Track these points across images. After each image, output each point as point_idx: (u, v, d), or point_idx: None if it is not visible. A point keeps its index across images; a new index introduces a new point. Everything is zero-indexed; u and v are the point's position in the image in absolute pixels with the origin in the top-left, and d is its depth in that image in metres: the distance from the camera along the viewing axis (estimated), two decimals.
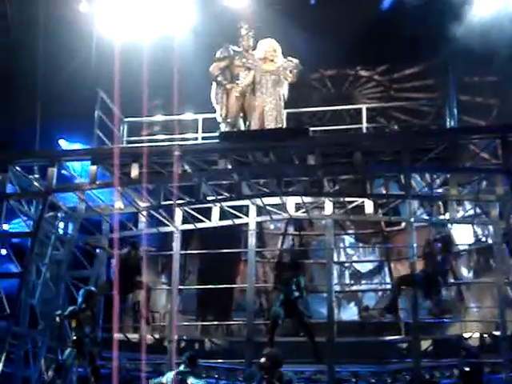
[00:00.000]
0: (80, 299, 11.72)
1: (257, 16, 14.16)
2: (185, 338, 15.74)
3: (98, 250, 13.79)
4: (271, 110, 12.24)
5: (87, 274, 13.68)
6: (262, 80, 12.37)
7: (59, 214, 13.45)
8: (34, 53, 15.56)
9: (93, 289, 12.16)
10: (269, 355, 9.01)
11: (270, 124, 12.20)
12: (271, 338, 11.92)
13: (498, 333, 12.97)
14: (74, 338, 11.53)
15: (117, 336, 12.40)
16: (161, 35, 15.26)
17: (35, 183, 12.76)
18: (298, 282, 12.10)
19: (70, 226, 13.65)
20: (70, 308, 11.78)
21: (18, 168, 12.58)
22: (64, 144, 15.48)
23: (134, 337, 15.50)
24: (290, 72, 12.42)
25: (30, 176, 12.76)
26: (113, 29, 15.33)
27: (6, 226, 13.31)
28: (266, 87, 12.33)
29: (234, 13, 14.79)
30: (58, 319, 11.86)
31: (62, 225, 13.61)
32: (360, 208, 13.51)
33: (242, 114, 12.63)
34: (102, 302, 13.18)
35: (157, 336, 15.55)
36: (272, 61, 12.42)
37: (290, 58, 12.49)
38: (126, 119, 14.04)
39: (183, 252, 14.86)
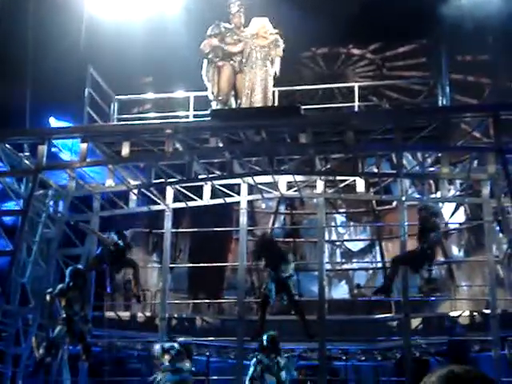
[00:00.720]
0: (67, 278, 11.70)
1: None
2: (176, 316, 15.79)
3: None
4: (259, 87, 12.14)
5: (78, 252, 13.65)
6: (251, 55, 12.27)
7: (50, 192, 13.37)
8: (24, 34, 15.41)
9: (80, 267, 12.13)
10: None
11: (257, 101, 12.10)
12: (262, 316, 11.95)
13: (487, 311, 13.03)
14: (64, 316, 11.53)
15: (108, 314, 12.41)
16: (152, 13, 15.12)
17: (25, 161, 12.68)
18: (286, 260, 12.06)
19: (61, 204, 13.59)
20: (59, 286, 11.76)
21: (8, 146, 12.50)
22: (54, 122, 15.36)
23: (124, 315, 15.53)
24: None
25: (20, 154, 12.68)
26: (103, 7, 15.19)
27: None
28: (255, 63, 12.22)
29: None
30: (48, 297, 11.83)
31: (52, 203, 13.54)
32: (351, 187, 13.49)
33: (233, 92, 12.56)
34: (92, 279, 13.16)
35: (148, 314, 15.59)
36: (263, 37, 12.32)
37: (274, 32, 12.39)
38: (116, 97, 13.94)
39: (174, 230, 14.83)
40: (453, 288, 16.14)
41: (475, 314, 14.40)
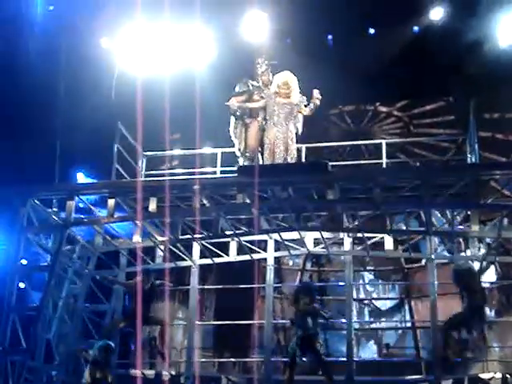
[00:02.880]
0: (97, 352, 11.50)
1: (275, 51, 14.19)
2: (201, 375, 15.53)
3: (115, 286, 13.70)
4: (280, 143, 12.15)
5: (104, 309, 13.60)
6: (274, 114, 12.33)
7: (77, 248, 13.41)
8: (55, 88, 15.72)
9: (111, 344, 11.86)
10: None
11: (279, 157, 12.10)
12: (290, 376, 11.69)
13: None
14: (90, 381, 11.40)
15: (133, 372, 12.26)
16: (180, 70, 15.36)
17: (53, 216, 12.75)
18: (314, 317, 11.79)
19: (87, 260, 13.60)
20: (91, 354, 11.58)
21: (36, 201, 12.59)
22: (82, 178, 15.51)
23: (149, 373, 15.31)
24: (306, 106, 12.38)
25: (49, 209, 12.76)
26: (133, 64, 15.48)
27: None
28: (277, 121, 12.27)
29: (253, 47, 14.85)
30: (84, 356, 11.71)
31: (78, 258, 13.56)
32: (379, 244, 13.36)
33: (260, 149, 12.60)
34: (117, 337, 13.05)
35: (173, 372, 15.36)
36: (285, 94, 12.38)
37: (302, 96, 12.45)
38: (144, 153, 14.07)
39: (200, 287, 14.73)
40: (484, 349, 15.73)
41: (508, 376, 13.98)
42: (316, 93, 12.27)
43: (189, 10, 14.29)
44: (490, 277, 16.50)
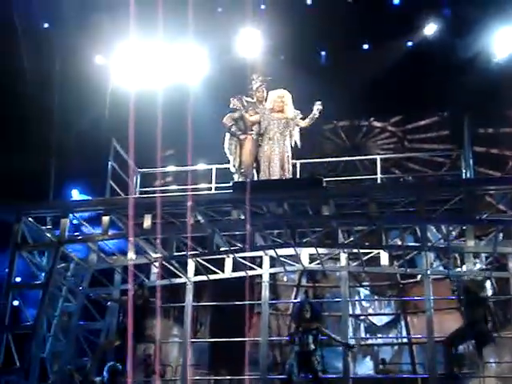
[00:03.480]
0: (105, 373, 11.41)
1: (269, 67, 14.23)
2: None
3: (109, 303, 13.61)
4: (276, 159, 12.15)
5: (98, 327, 13.49)
6: (269, 129, 12.33)
7: (71, 265, 13.33)
8: (50, 105, 15.71)
9: (119, 366, 11.76)
10: None
11: (275, 173, 12.09)
12: None
13: None
14: None
15: None
16: (174, 86, 15.37)
17: (47, 234, 12.68)
18: (315, 334, 11.67)
19: (82, 277, 13.51)
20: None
21: (30, 219, 12.52)
22: (76, 195, 15.46)
23: None
24: (302, 119, 12.39)
25: (43, 227, 12.69)
26: (127, 80, 15.47)
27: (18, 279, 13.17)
28: (273, 136, 12.27)
29: (246, 64, 14.88)
30: (73, 374, 11.60)
31: (72, 275, 13.47)
32: (375, 260, 13.31)
33: (255, 165, 12.57)
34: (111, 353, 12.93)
35: None
36: (280, 111, 12.40)
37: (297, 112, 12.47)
38: (139, 170, 14.02)
39: (195, 304, 14.64)
40: (481, 364, 15.66)
41: None
42: (317, 104, 12.29)
43: (183, 28, 14.30)
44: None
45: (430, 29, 16.61)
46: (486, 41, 15.84)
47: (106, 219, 12.26)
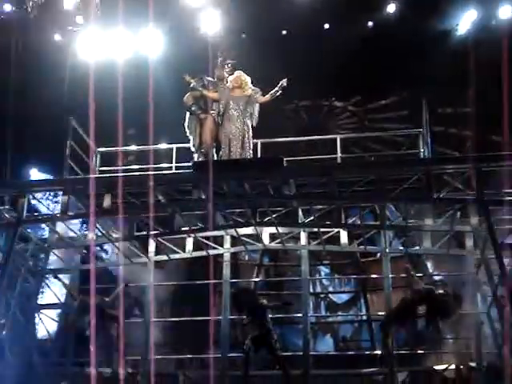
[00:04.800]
0: None
1: (231, 46, 14.17)
2: (158, 372, 15.43)
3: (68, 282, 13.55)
4: (236, 139, 12.18)
5: (58, 308, 13.40)
6: (229, 108, 12.32)
7: (30, 246, 13.19)
8: (6, 84, 15.44)
9: None
10: None
11: (235, 153, 12.12)
12: (245, 372, 11.69)
13: (474, 364, 12.87)
14: None
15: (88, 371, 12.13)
16: (134, 65, 15.23)
17: (5, 214, 12.52)
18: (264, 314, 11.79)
19: (41, 257, 13.40)
20: None
21: None
22: (35, 174, 15.28)
23: (106, 371, 15.16)
24: (262, 95, 12.44)
25: (0, 207, 12.53)
26: (86, 58, 15.29)
27: None
28: (233, 115, 12.29)
29: (207, 44, 14.80)
30: None
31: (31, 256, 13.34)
32: (335, 238, 13.44)
33: (215, 144, 12.57)
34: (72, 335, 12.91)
35: (130, 370, 15.23)
36: (239, 88, 12.42)
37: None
38: (99, 149, 13.90)
39: (157, 283, 14.63)
40: (438, 341, 15.95)
41: (461, 367, 14.20)
42: (283, 81, 12.33)
43: (143, 8, 14.16)
44: (441, 269, 16.73)
45: (391, 9, 16.68)
46: (446, 21, 15.99)
47: (65, 199, 12.17)
